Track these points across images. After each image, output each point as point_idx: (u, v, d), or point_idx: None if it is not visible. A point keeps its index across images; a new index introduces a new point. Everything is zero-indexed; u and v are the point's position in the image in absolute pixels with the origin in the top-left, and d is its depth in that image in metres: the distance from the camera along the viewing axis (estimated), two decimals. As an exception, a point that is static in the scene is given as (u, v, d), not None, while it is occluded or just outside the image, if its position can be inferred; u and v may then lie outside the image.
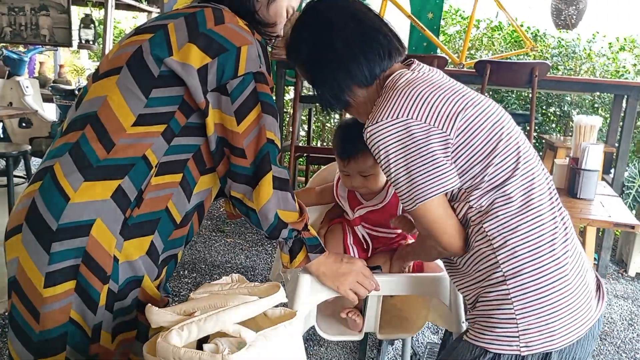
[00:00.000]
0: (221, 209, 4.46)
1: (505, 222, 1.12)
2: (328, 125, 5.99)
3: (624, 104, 3.80)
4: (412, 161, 1.12)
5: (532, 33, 5.11)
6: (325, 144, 5.84)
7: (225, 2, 1.22)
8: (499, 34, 5.33)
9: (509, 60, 4.13)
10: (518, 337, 1.09)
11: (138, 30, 1.20)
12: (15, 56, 5.24)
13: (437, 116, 1.12)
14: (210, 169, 1.22)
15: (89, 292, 1.10)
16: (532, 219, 1.12)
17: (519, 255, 1.10)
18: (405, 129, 1.12)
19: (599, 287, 1.22)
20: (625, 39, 4.97)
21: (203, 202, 1.27)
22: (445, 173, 1.12)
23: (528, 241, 1.11)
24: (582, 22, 4.41)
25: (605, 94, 4.55)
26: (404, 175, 1.13)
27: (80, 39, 5.81)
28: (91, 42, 5.84)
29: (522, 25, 5.05)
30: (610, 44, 5.10)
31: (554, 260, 1.11)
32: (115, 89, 1.13)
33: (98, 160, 1.10)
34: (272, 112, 1.17)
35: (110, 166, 1.10)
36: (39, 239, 1.07)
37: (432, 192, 1.12)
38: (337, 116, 5.78)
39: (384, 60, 1.24)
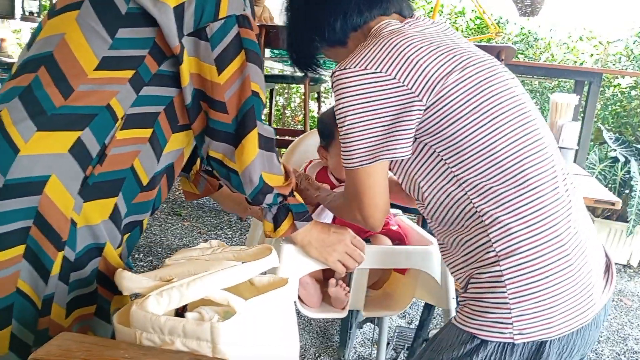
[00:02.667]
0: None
1: (497, 196, 0.99)
2: (288, 110, 5.85)
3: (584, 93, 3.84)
4: (370, 119, 1.01)
5: (494, 20, 5.11)
6: (286, 127, 5.69)
7: None
8: (462, 20, 5.32)
9: (476, 43, 4.10)
10: (511, 323, 0.96)
11: None
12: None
13: (411, 74, 0.99)
14: (183, 126, 1.08)
15: (41, 259, 0.94)
16: (529, 191, 0.99)
17: (513, 233, 0.97)
18: (370, 82, 1.00)
19: (608, 267, 1.10)
20: (584, 29, 5.06)
21: (173, 164, 1.12)
22: (401, 139, 1.01)
23: (524, 216, 0.98)
24: (545, 11, 4.44)
25: (565, 82, 4.60)
26: (357, 132, 1.02)
27: (23, 10, 5.43)
28: (35, 15, 5.47)
29: (484, 13, 5.05)
30: (569, 35, 5.18)
31: (554, 238, 0.98)
32: (74, 26, 0.97)
33: (54, 107, 0.94)
34: (258, 62, 1.03)
35: (68, 115, 0.94)
36: None
37: (381, 156, 1.02)
38: (297, 100, 5.65)
39: (350, 18, 1.13)
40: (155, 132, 1.04)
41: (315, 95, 4.47)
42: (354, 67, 1.02)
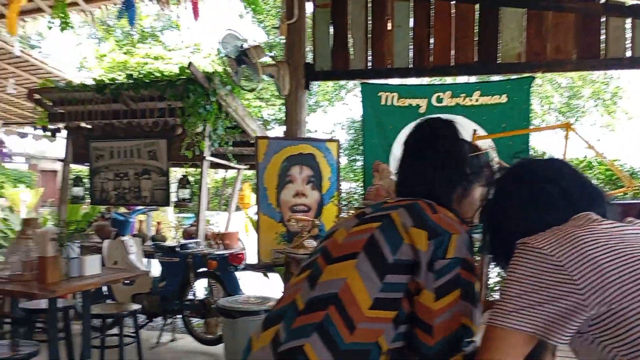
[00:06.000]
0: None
1: None
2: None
3: None
4: (529, 298, 0.98)
5: (627, 170, 4.99)
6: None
7: (430, 197, 1.32)
8: (590, 172, 5.25)
9: (617, 202, 4.01)
10: None
11: (363, 220, 1.31)
12: (121, 218, 5.60)
13: (585, 272, 0.95)
14: None
15: None
16: None
17: None
18: (540, 263, 0.99)
19: None
20: None
21: None
22: (556, 326, 0.96)
23: None
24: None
25: None
26: (516, 296, 1.00)
27: (177, 198, 6.17)
28: (187, 201, 6.19)
29: (613, 164, 4.96)
30: None
31: None
32: (354, 272, 1.21)
33: (344, 342, 1.15)
34: (472, 301, 1.20)
35: (353, 351, 1.15)
36: None
37: (527, 328, 0.97)
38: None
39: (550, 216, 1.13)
40: None
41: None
42: (534, 243, 1.03)
